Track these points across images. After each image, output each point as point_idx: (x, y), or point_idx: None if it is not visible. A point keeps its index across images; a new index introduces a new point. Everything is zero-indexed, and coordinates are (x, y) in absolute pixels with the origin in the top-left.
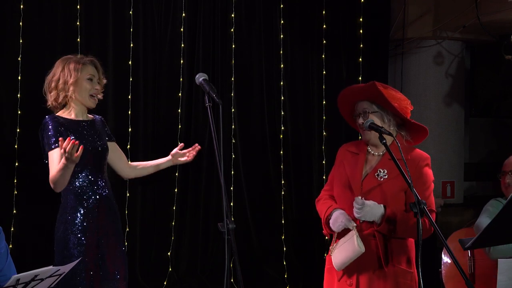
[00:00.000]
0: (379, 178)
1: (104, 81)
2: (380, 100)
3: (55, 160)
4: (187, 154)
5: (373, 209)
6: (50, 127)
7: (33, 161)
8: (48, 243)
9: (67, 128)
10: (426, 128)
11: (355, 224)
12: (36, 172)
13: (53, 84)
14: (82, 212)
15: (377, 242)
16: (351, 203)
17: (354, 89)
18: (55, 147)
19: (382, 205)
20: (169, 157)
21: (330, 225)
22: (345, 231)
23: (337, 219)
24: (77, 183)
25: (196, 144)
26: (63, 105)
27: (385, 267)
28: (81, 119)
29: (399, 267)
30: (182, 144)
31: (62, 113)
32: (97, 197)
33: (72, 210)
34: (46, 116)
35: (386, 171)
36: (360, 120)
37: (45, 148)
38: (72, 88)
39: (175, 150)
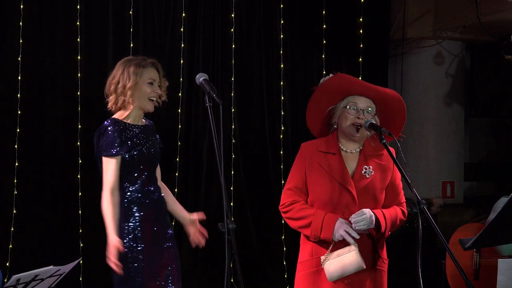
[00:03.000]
0: (367, 175)
1: (166, 83)
2: (385, 109)
3: (110, 168)
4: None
5: (369, 213)
6: (113, 132)
7: (33, 161)
8: (48, 243)
9: (128, 133)
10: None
11: (358, 237)
12: (36, 172)
13: (112, 87)
14: (136, 219)
15: (374, 240)
16: (345, 203)
17: (370, 86)
18: (114, 155)
19: (368, 209)
20: (188, 220)
21: (334, 233)
22: (338, 243)
23: (340, 228)
24: (131, 190)
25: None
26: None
27: (374, 261)
28: (137, 123)
29: (381, 257)
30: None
31: (120, 116)
32: (150, 203)
33: (125, 218)
34: (108, 120)
35: (371, 167)
36: (361, 116)
37: (101, 151)
38: (130, 93)
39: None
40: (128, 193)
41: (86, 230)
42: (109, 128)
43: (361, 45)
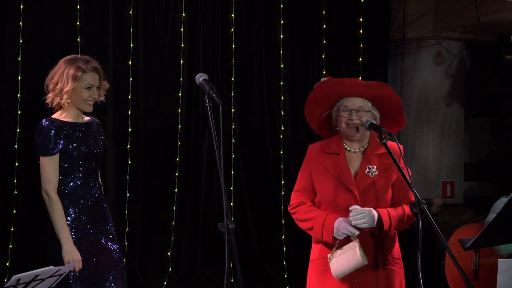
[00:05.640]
0: (370, 175)
1: (107, 85)
2: (383, 102)
3: (50, 167)
4: None
5: (371, 212)
6: (49, 132)
7: (33, 161)
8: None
9: (65, 131)
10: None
11: (358, 233)
12: (36, 172)
13: (50, 86)
14: (73, 213)
15: (377, 239)
16: (348, 203)
17: (357, 83)
18: (51, 154)
19: (370, 208)
20: None
21: (334, 233)
22: (344, 240)
23: (340, 227)
24: (70, 184)
25: None
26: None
27: (382, 260)
28: (77, 121)
29: (391, 256)
30: None
31: (59, 115)
32: (89, 198)
33: (64, 211)
34: (44, 120)
35: (375, 167)
36: (354, 116)
37: (38, 150)
38: (66, 96)
39: None
40: (66, 190)
41: None
42: (45, 128)
43: (361, 45)
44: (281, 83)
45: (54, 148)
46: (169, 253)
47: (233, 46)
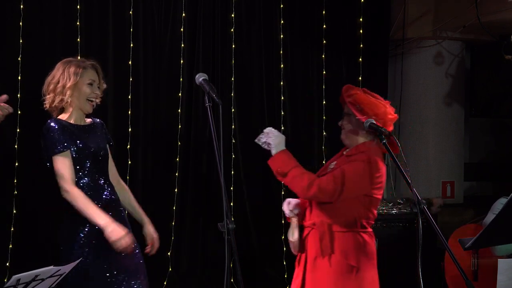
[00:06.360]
0: (329, 170)
1: (104, 86)
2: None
3: (63, 164)
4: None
5: (279, 138)
6: (56, 130)
7: (33, 161)
8: (48, 243)
9: (70, 132)
10: (396, 143)
11: (287, 212)
12: (36, 172)
13: (51, 87)
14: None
15: (316, 230)
16: None
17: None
18: (63, 150)
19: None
20: (146, 221)
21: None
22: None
23: (283, 206)
24: (80, 186)
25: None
26: (61, 110)
27: (325, 256)
28: (80, 124)
29: (340, 258)
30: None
31: (62, 117)
32: (100, 199)
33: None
34: (49, 120)
35: (334, 164)
36: (340, 122)
37: (48, 151)
38: (70, 92)
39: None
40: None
41: None
42: (52, 127)
43: (361, 45)
44: (281, 83)
45: (64, 143)
46: (169, 253)
47: (233, 46)
